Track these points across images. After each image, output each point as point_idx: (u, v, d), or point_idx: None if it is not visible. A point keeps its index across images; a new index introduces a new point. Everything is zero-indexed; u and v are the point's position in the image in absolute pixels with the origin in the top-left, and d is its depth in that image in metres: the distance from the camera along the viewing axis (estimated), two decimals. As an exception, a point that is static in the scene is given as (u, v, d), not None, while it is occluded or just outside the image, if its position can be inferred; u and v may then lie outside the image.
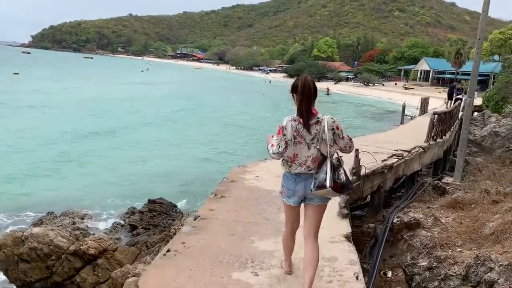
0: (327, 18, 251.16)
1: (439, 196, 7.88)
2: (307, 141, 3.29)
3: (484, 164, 9.12)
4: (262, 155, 19.70)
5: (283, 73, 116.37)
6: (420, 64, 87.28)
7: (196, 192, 13.53)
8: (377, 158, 7.42)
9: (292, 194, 3.41)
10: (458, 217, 6.01)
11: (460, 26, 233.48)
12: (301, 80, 3.31)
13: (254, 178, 6.65)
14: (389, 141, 9.44)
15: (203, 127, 26.65)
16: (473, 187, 7.77)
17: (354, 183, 6.04)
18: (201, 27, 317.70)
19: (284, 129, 3.28)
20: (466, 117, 8.51)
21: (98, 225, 10.42)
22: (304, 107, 3.27)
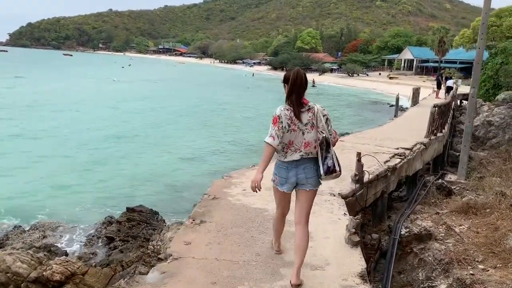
0: (310, 9, 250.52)
1: (444, 197, 7.19)
2: (301, 127, 3.44)
3: (489, 159, 8.48)
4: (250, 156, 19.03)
5: (267, 65, 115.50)
6: (403, 53, 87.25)
7: (180, 196, 12.64)
8: (378, 158, 6.69)
9: (285, 181, 3.54)
10: (473, 225, 5.30)
11: (441, 14, 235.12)
12: (294, 72, 3.49)
13: (240, 192, 5.59)
14: (387, 138, 8.71)
15: (186, 127, 25.53)
16: (480, 186, 7.10)
17: (357, 192, 5.31)
18: (183, 21, 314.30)
19: (280, 117, 3.42)
20: (469, 109, 7.82)
21: (72, 238, 9.48)
22: (294, 96, 3.44)
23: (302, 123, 3.44)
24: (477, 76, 7.63)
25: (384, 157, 6.98)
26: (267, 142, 3.41)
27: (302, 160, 3.48)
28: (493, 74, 20.35)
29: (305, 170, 3.50)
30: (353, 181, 5.37)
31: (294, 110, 3.43)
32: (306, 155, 3.48)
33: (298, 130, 3.44)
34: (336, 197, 5.07)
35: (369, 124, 27.47)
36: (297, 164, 3.48)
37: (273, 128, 3.42)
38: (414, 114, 14.94)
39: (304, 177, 3.51)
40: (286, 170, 3.52)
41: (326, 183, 3.91)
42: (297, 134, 3.44)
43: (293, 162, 3.48)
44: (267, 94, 48.71)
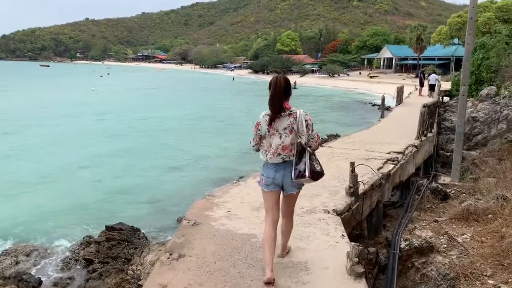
0: (288, 11, 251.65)
1: (440, 201, 6.84)
2: (280, 131, 3.58)
3: (481, 159, 8.19)
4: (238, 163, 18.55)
5: (248, 69, 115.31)
6: (382, 52, 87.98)
7: (164, 209, 12.03)
8: (370, 165, 6.31)
9: (271, 181, 3.65)
10: (477, 233, 4.95)
11: (417, 12, 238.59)
12: (274, 78, 3.65)
13: (224, 215, 4.95)
14: (377, 141, 8.34)
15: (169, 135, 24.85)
16: (477, 188, 6.77)
17: (353, 206, 4.90)
18: (161, 27, 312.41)
19: (259, 124, 3.66)
20: (461, 108, 7.51)
21: (47, 262, 8.85)
22: (274, 101, 3.58)
23: (281, 128, 3.59)
24: (466, 73, 7.33)
25: (377, 163, 6.59)
26: (252, 146, 3.81)
27: (287, 163, 3.62)
28: (475, 69, 20.31)
29: (290, 173, 3.61)
30: (348, 194, 4.95)
31: (272, 116, 3.58)
32: (287, 158, 3.61)
33: (277, 133, 3.59)
34: (331, 214, 4.63)
35: (354, 124, 27.28)
36: (284, 166, 3.62)
37: (253, 132, 3.75)
38: (400, 113, 14.66)
39: (290, 181, 3.64)
40: (274, 170, 3.65)
41: (319, 198, 4.70)
42: (275, 137, 3.59)
43: (279, 164, 3.63)
44: (250, 98, 48.34)
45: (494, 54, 18.81)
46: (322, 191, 5.30)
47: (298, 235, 4.30)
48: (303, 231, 4.42)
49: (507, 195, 5.40)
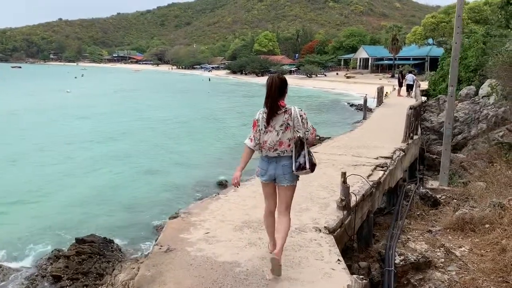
0: (265, 12, 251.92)
1: (430, 208, 6.52)
2: (276, 128, 3.77)
3: (470, 161, 7.95)
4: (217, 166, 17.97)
5: (226, 69, 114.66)
6: (359, 53, 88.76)
7: (139, 217, 11.43)
8: (359, 172, 5.94)
9: (265, 173, 3.88)
10: (475, 245, 4.61)
11: (392, 13, 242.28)
12: (270, 78, 3.84)
13: (203, 237, 4.31)
14: (363, 145, 7.99)
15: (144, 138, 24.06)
16: (467, 192, 6.47)
17: (345, 220, 4.48)
18: (137, 28, 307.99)
19: (258, 121, 3.83)
20: (449, 109, 7.22)
21: (10, 280, 8.17)
22: (270, 100, 3.77)
23: (277, 125, 3.78)
24: (454, 73, 7.04)
25: (366, 170, 6.22)
26: (245, 143, 3.87)
27: (279, 158, 3.82)
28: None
29: (283, 167, 3.83)
30: (340, 207, 4.53)
31: (268, 114, 3.78)
32: (282, 153, 3.81)
33: (273, 131, 3.78)
34: (323, 232, 4.17)
35: (335, 125, 27.09)
36: (276, 160, 3.83)
37: (252, 131, 3.87)
38: (382, 114, 14.43)
39: (282, 173, 3.83)
40: (267, 163, 3.88)
41: (309, 213, 4.25)
42: (272, 134, 3.78)
43: (272, 157, 3.84)
44: (228, 99, 47.81)
45: (472, 53, 18.85)
46: (311, 204, 4.86)
47: (288, 261, 3.85)
48: (293, 256, 3.96)
49: (503, 202, 5.10)
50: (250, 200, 5.05)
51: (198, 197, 13.52)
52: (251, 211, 4.64)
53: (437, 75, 26.59)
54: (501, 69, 6.72)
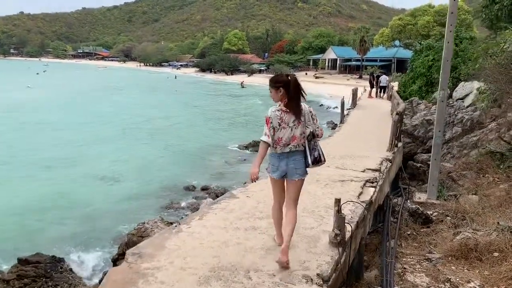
0: (234, 11, 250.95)
1: (421, 226, 5.85)
2: (290, 125, 3.90)
3: (458, 172, 7.38)
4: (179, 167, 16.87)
5: (195, 67, 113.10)
6: (327, 53, 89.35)
7: (94, 229, 10.37)
8: (347, 189, 5.21)
9: (276, 169, 3.98)
10: (485, 279, 3.93)
11: (359, 15, 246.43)
12: (288, 77, 3.94)
13: None
14: (346, 155, 7.23)
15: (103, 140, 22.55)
16: (462, 209, 5.84)
17: (340, 260, 3.63)
18: (104, 23, 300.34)
19: (271, 118, 3.91)
20: (439, 116, 6.58)
21: None
22: (294, 101, 3.89)
23: (290, 121, 3.87)
24: (446, 75, 6.43)
25: (355, 187, 5.45)
26: (263, 140, 3.87)
27: (291, 153, 3.92)
28: (425, 71, 20.11)
29: (294, 161, 3.92)
30: (334, 244, 3.70)
31: (295, 112, 3.86)
32: (295, 148, 3.92)
33: (287, 127, 3.87)
34: (315, 283, 3.27)
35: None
36: (287, 155, 3.92)
37: (266, 128, 3.90)
38: (359, 118, 13.86)
39: (293, 168, 3.92)
40: (278, 159, 3.94)
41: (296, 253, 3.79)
42: (286, 131, 3.87)
43: (283, 153, 3.92)
44: (197, 98, 46.58)
45: (445, 56, 18.64)
46: (297, 238, 3.82)
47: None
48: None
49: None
50: (220, 233, 4.02)
51: (162, 204, 12.56)
52: (222, 251, 3.67)
53: (407, 77, 26.41)
54: (496, 72, 6.15)
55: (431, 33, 57.11)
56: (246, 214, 4.63)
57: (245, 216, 4.56)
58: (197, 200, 13.18)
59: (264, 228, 4.28)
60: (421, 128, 16.24)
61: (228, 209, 4.77)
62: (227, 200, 5.12)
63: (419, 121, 16.39)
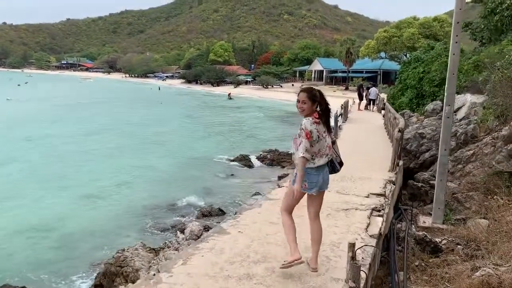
0: (220, 22, 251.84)
1: (429, 255, 5.30)
2: (323, 135, 4.03)
3: (464, 193, 6.89)
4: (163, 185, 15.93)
5: (180, 78, 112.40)
6: (313, 65, 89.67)
7: (71, 255, 9.58)
8: (353, 219, 4.63)
9: (315, 185, 3.95)
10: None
11: (344, 27, 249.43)
12: (316, 91, 4.11)
13: None
14: (346, 176, 6.45)
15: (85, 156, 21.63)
16: (473, 236, 5.32)
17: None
18: (88, 34, 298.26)
19: (311, 132, 3.95)
20: (445, 133, 6.08)
21: None
22: (326, 112, 4.08)
23: (322, 132, 4.03)
24: (452, 90, 5.95)
25: (361, 217, 4.84)
26: (304, 156, 3.86)
27: (323, 166, 4.02)
28: (416, 83, 19.82)
29: (326, 174, 4.07)
30: None
31: (327, 125, 4.08)
32: (329, 157, 4.10)
33: (323, 138, 4.03)
34: None
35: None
36: (322, 169, 4.01)
37: (306, 142, 3.90)
38: (352, 132, 13.32)
39: (326, 180, 4.07)
40: (317, 175, 3.97)
41: None
42: (323, 142, 4.02)
43: (320, 167, 3.99)
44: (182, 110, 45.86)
45: (436, 67, 18.37)
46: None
47: None
48: None
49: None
50: (208, 285, 3.35)
51: (145, 224, 11.84)
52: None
53: (396, 89, 26.20)
54: (506, 86, 5.70)
55: (416, 45, 57.62)
56: (239, 256, 3.94)
57: (237, 259, 3.86)
58: (182, 218, 12.52)
59: (260, 277, 3.58)
60: (414, 142, 15.84)
61: (217, 249, 4.07)
62: (216, 237, 4.41)
63: (411, 134, 15.99)
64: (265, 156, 20.45)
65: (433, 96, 18.20)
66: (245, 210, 5.18)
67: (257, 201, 5.55)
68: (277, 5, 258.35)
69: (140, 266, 6.69)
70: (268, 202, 5.52)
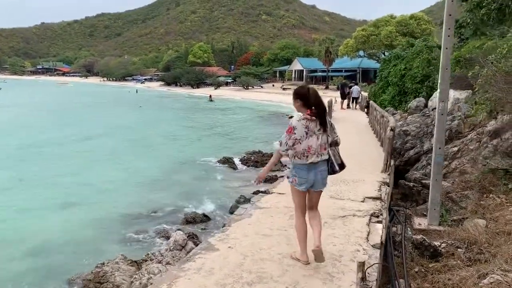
0: (198, 24, 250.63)
1: (429, 260, 5.02)
2: (316, 133, 4.03)
3: (458, 192, 6.66)
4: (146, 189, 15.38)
5: (159, 81, 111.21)
6: (293, 65, 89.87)
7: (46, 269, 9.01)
8: (350, 226, 4.31)
9: (305, 181, 4.00)
10: None
11: (322, 26, 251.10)
12: (308, 89, 4.21)
13: None
14: (339, 179, 6.14)
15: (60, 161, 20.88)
16: (473, 238, 5.08)
17: None
18: (64, 38, 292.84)
19: (295, 128, 4.00)
20: (439, 131, 5.82)
21: None
22: (317, 109, 4.05)
23: (315, 129, 4.03)
24: (446, 86, 5.68)
25: (359, 225, 4.49)
26: (278, 150, 4.04)
27: (319, 163, 4.04)
28: (398, 80, 19.77)
29: (321, 172, 4.07)
30: None
31: (320, 120, 4.05)
32: (324, 157, 4.08)
33: (314, 135, 4.01)
34: None
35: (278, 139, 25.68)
36: (315, 166, 4.01)
37: (285, 136, 4.00)
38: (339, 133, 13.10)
39: (321, 178, 4.08)
40: (307, 171, 3.99)
41: None
42: (313, 138, 4.01)
43: (312, 164, 3.99)
44: (162, 113, 45.15)
45: (417, 64, 18.34)
46: None
47: None
48: None
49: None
50: None
51: (127, 232, 11.33)
52: None
53: (376, 86, 26.20)
54: (501, 81, 5.49)
55: (394, 43, 58.20)
56: (230, 277, 3.51)
57: (229, 280, 3.44)
58: (165, 225, 12.05)
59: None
60: (398, 140, 15.71)
61: (205, 269, 3.65)
62: (204, 254, 3.99)
63: (395, 131, 15.88)
64: (249, 158, 20.09)
65: (416, 92, 18.17)
66: (234, 221, 4.79)
67: (246, 210, 5.17)
68: (255, 6, 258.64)
69: (121, 281, 6.24)
70: (258, 212, 5.16)
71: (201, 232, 11.19)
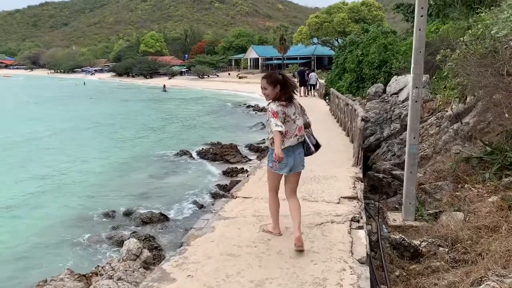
0: (149, 12, 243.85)
1: (409, 262, 4.59)
2: (292, 117, 4.17)
3: (432, 183, 6.30)
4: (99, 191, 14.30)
5: (110, 72, 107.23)
6: (248, 53, 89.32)
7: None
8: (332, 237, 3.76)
9: (285, 166, 4.13)
10: None
11: (275, 14, 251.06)
12: (278, 75, 4.29)
13: None
14: (309, 176, 5.49)
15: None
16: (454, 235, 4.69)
17: None
18: (5, 29, 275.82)
19: (277, 112, 4.09)
20: (413, 118, 5.40)
21: None
22: (289, 92, 4.20)
23: (291, 114, 4.16)
24: (420, 70, 5.24)
25: (339, 234, 3.84)
26: (278, 130, 3.97)
27: (296, 146, 4.18)
28: (355, 66, 19.57)
29: (299, 155, 4.22)
30: None
31: (290, 105, 4.19)
32: (300, 139, 4.22)
33: (291, 120, 4.15)
34: None
35: (237, 130, 25.11)
36: (293, 150, 4.15)
37: (276, 120, 4.03)
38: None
39: (299, 161, 4.23)
40: (286, 156, 4.06)
41: None
42: (291, 124, 4.14)
43: (289, 148, 4.12)
44: (114, 105, 43.26)
45: (374, 50, 18.18)
46: None
47: None
48: None
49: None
50: None
51: (75, 238, 10.35)
52: None
53: (333, 73, 26.05)
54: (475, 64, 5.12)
55: (346, 30, 58.79)
56: None
57: None
58: (119, 229, 11.16)
59: None
60: (359, 126, 15.52)
61: None
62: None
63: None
64: (207, 150, 19.33)
65: (373, 78, 18.03)
66: (194, 237, 4.05)
67: (207, 222, 4.45)
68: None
69: (66, 302, 5.46)
70: (222, 223, 4.49)
71: (159, 232, 10.49)
